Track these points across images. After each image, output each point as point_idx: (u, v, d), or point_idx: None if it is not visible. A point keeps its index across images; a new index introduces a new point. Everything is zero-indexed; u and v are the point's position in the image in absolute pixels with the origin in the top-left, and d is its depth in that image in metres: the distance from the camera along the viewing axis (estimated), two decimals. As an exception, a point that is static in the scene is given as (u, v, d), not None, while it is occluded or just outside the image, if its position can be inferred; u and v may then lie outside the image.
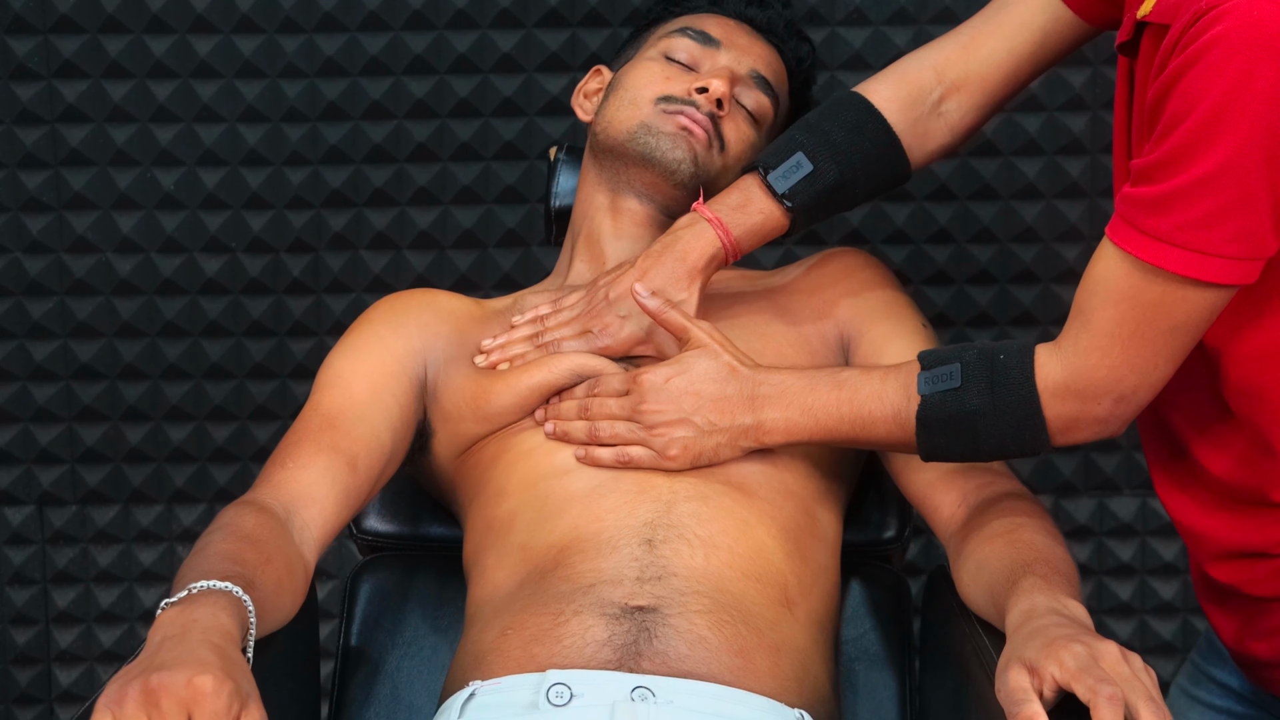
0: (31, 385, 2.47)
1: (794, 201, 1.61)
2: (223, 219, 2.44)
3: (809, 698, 1.49)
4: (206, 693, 1.14)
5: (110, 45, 2.38)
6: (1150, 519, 2.47)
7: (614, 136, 1.74)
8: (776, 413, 1.54)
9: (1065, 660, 1.22)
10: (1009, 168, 2.42)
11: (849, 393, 1.52)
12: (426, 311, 1.71)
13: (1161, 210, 1.30)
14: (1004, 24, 1.62)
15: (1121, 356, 1.37)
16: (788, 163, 1.61)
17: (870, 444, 1.55)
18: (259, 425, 2.48)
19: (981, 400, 1.43)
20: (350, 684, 1.73)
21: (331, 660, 1.77)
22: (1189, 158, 1.27)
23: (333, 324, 2.47)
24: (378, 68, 2.40)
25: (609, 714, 1.38)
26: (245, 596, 1.29)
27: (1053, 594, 1.35)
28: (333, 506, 1.54)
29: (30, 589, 2.52)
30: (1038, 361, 1.42)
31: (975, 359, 1.45)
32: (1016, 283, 2.44)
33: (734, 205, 1.63)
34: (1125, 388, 1.38)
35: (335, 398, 1.61)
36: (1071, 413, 1.41)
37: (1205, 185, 1.27)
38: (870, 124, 1.63)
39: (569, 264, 1.80)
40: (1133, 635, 2.49)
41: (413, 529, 1.83)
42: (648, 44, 1.80)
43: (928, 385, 1.47)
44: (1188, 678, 1.71)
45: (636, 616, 1.45)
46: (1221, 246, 1.29)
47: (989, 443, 1.45)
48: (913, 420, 1.47)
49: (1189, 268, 1.30)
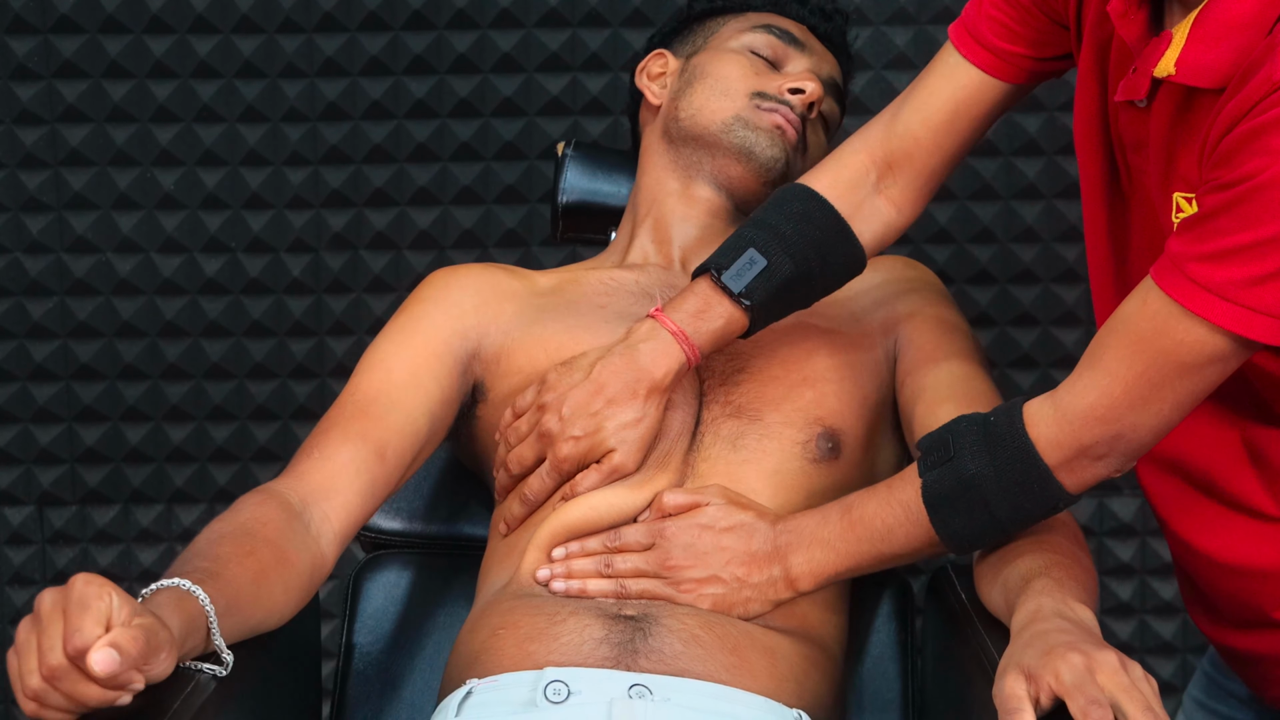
0: (31, 385, 2.47)
1: (752, 299, 1.55)
2: (223, 219, 2.44)
3: (808, 698, 1.49)
4: (75, 585, 1.15)
5: (110, 45, 2.38)
6: (1150, 519, 2.47)
7: (704, 125, 1.73)
8: (800, 558, 1.51)
9: (1062, 672, 1.21)
10: (1009, 168, 2.42)
11: (858, 513, 1.48)
12: (485, 290, 1.69)
13: (1218, 263, 1.27)
14: (916, 97, 1.59)
15: (1123, 393, 1.33)
16: (739, 261, 1.55)
17: (898, 557, 1.49)
18: (259, 425, 2.48)
19: (979, 463, 1.40)
20: (351, 683, 1.73)
21: (333, 659, 1.77)
22: (1259, 217, 1.24)
23: (333, 324, 2.47)
24: (378, 68, 2.40)
25: (606, 711, 1.38)
26: (196, 589, 1.26)
27: (1061, 597, 1.35)
28: (356, 498, 1.52)
29: (30, 589, 2.51)
30: (1026, 410, 1.39)
31: (965, 427, 1.42)
32: (1016, 283, 2.44)
33: (693, 312, 1.55)
34: (1125, 425, 1.35)
35: (373, 381, 1.60)
36: (1070, 454, 1.37)
37: (1270, 245, 1.24)
38: (817, 212, 1.58)
39: (628, 243, 1.78)
40: (1133, 635, 2.49)
41: (416, 526, 1.82)
42: (722, 35, 1.79)
43: (926, 467, 1.44)
44: (1202, 689, 1.70)
45: (629, 620, 1.46)
46: (1275, 306, 1.26)
47: (1003, 508, 1.41)
48: (924, 511, 1.44)
49: (1235, 323, 1.27)
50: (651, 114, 1.81)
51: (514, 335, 1.65)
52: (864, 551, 1.49)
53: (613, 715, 1.38)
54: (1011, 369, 2.46)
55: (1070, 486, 1.39)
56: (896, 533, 1.46)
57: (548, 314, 1.67)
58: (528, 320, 1.66)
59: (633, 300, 1.68)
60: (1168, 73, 1.32)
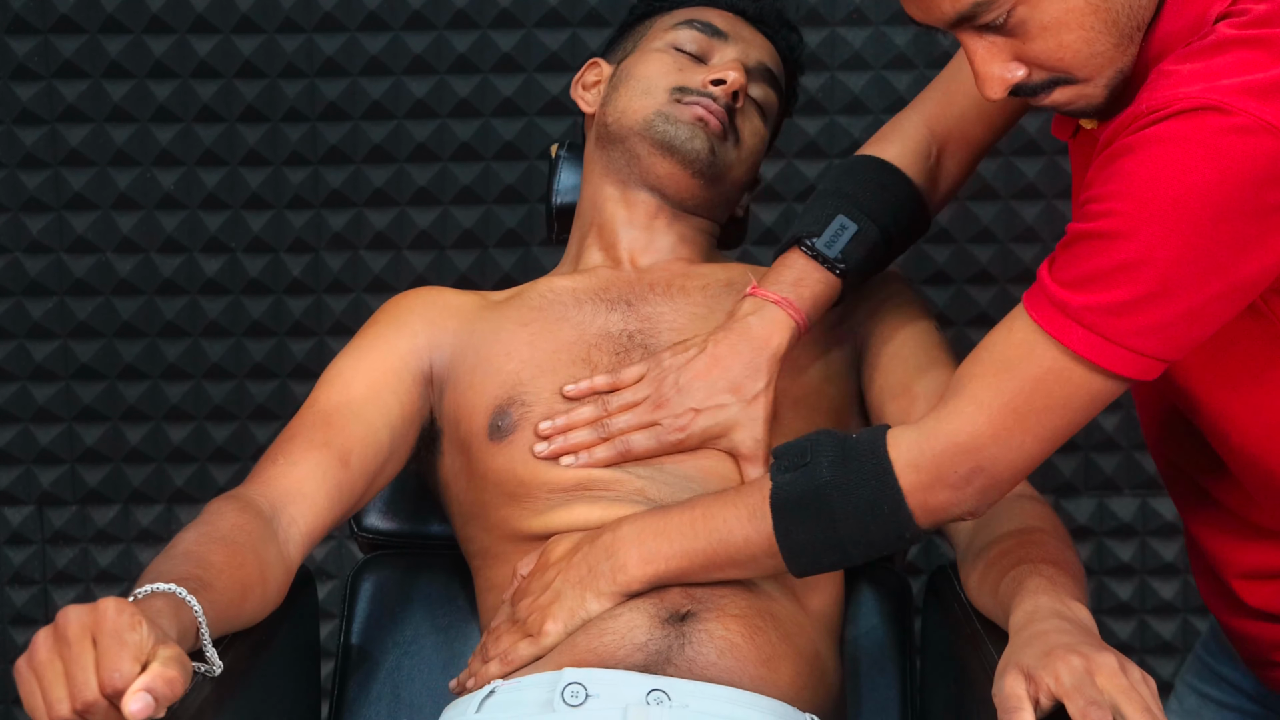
0: (31, 385, 2.47)
1: (848, 264, 1.58)
2: (222, 219, 2.44)
3: (821, 701, 1.49)
4: (107, 613, 1.14)
5: (110, 45, 2.38)
6: (1150, 519, 2.47)
7: (627, 125, 1.73)
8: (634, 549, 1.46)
9: (1061, 674, 1.21)
10: (1009, 168, 2.42)
11: (702, 509, 1.46)
12: (432, 309, 1.71)
13: (1077, 287, 1.27)
14: (968, 78, 1.58)
15: (986, 423, 1.32)
16: (831, 227, 1.58)
17: (732, 563, 1.45)
18: (259, 425, 2.48)
19: (833, 472, 1.38)
20: (350, 683, 1.73)
21: (332, 660, 1.77)
22: (1114, 241, 1.25)
23: (332, 324, 2.47)
24: (378, 68, 2.40)
25: (621, 717, 1.38)
26: (191, 599, 1.27)
27: (1057, 595, 1.35)
28: (323, 502, 1.53)
29: (30, 589, 2.52)
30: (890, 434, 1.38)
31: (826, 438, 1.41)
32: (1016, 283, 2.44)
33: (792, 281, 1.58)
34: (985, 457, 1.33)
35: (333, 395, 1.61)
36: (926, 479, 1.35)
37: (1125, 272, 1.25)
38: (893, 182, 1.62)
39: (578, 254, 1.79)
40: (1133, 635, 2.49)
41: (414, 527, 1.82)
42: (649, 37, 1.80)
43: (779, 470, 1.42)
44: (1197, 675, 1.70)
45: (678, 624, 1.45)
46: (1127, 338, 1.27)
47: (848, 526, 1.38)
48: (769, 515, 1.40)
49: (1089, 350, 1.27)
50: (590, 122, 1.82)
51: (449, 366, 1.67)
52: (699, 549, 1.45)
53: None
54: (1011, 369, 2.46)
55: (920, 516, 1.37)
56: (735, 535, 1.43)
57: (489, 333, 1.67)
58: (459, 347, 1.67)
59: (577, 304, 1.69)
60: (1093, 125, 1.37)
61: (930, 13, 1.33)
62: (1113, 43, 1.31)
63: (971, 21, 1.31)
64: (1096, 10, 1.29)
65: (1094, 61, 1.31)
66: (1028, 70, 1.32)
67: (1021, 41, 1.31)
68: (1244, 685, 1.64)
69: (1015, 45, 1.31)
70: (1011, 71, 1.33)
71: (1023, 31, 1.30)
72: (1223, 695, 1.66)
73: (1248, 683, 1.64)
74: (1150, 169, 1.23)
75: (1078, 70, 1.32)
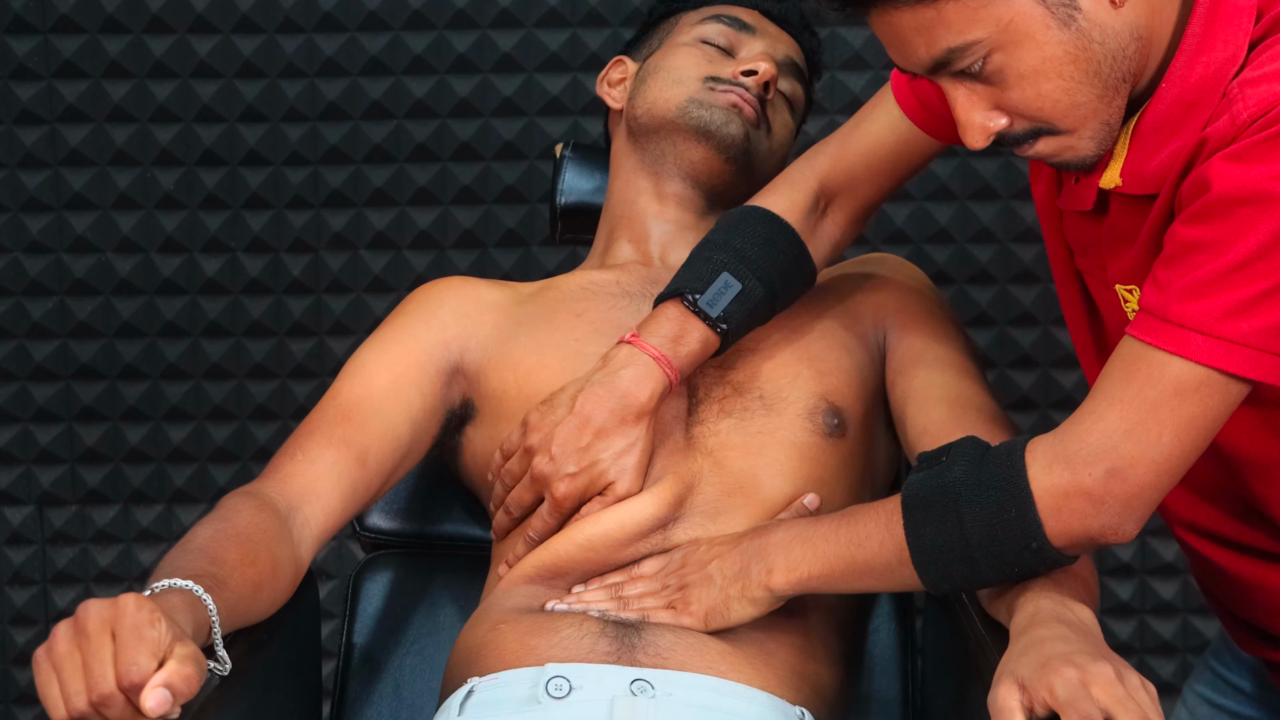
0: (31, 385, 2.47)
1: (729, 324, 1.56)
2: (222, 219, 2.44)
3: (810, 695, 1.49)
4: (127, 608, 1.15)
5: (110, 45, 2.39)
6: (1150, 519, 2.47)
7: (660, 114, 1.73)
8: (781, 554, 1.46)
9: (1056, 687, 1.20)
10: (1009, 168, 2.42)
11: (849, 515, 1.44)
12: (465, 302, 1.70)
13: (1189, 296, 1.25)
14: (862, 138, 1.62)
15: (1118, 419, 1.29)
16: (715, 285, 1.56)
17: (869, 570, 1.42)
18: (259, 425, 2.48)
19: (965, 471, 1.35)
20: (352, 683, 1.73)
21: (333, 659, 1.77)
22: (1225, 242, 1.24)
23: (332, 324, 2.47)
24: (378, 68, 2.40)
25: (608, 707, 1.38)
26: (206, 597, 1.27)
27: (1060, 597, 1.34)
28: (337, 503, 1.53)
29: (30, 589, 2.52)
30: (1030, 442, 1.35)
31: (969, 441, 1.39)
32: (1016, 283, 2.44)
33: (671, 336, 1.55)
34: (1121, 457, 1.29)
35: (355, 388, 1.61)
36: (1060, 484, 1.30)
37: (1240, 271, 1.23)
38: (780, 236, 1.60)
39: (605, 248, 1.79)
40: (1133, 635, 2.49)
41: (416, 527, 1.83)
42: (676, 32, 1.80)
43: (915, 471, 1.41)
44: (1208, 685, 1.69)
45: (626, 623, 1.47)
46: (1251, 337, 1.24)
47: (974, 527, 1.34)
48: (900, 513, 1.38)
49: (1212, 357, 1.25)
50: (617, 119, 1.82)
51: (489, 352, 1.66)
52: (839, 555, 1.43)
53: (614, 711, 1.38)
54: (1011, 369, 2.46)
55: (1053, 527, 1.32)
56: (872, 539, 1.41)
57: (523, 328, 1.67)
58: (504, 335, 1.66)
59: (612, 302, 1.69)
60: (1114, 184, 1.34)
61: (908, 59, 1.31)
62: (1095, 94, 1.29)
63: (948, 68, 1.29)
64: (1075, 60, 1.27)
65: (1076, 112, 1.30)
66: (1009, 120, 1.31)
67: (1000, 90, 1.30)
68: (1244, 687, 1.64)
69: (995, 94, 1.30)
70: (993, 120, 1.32)
71: (1000, 80, 1.29)
72: (1237, 706, 1.65)
73: (1247, 684, 1.63)
74: (1262, 168, 1.22)
75: (1059, 121, 1.30)
